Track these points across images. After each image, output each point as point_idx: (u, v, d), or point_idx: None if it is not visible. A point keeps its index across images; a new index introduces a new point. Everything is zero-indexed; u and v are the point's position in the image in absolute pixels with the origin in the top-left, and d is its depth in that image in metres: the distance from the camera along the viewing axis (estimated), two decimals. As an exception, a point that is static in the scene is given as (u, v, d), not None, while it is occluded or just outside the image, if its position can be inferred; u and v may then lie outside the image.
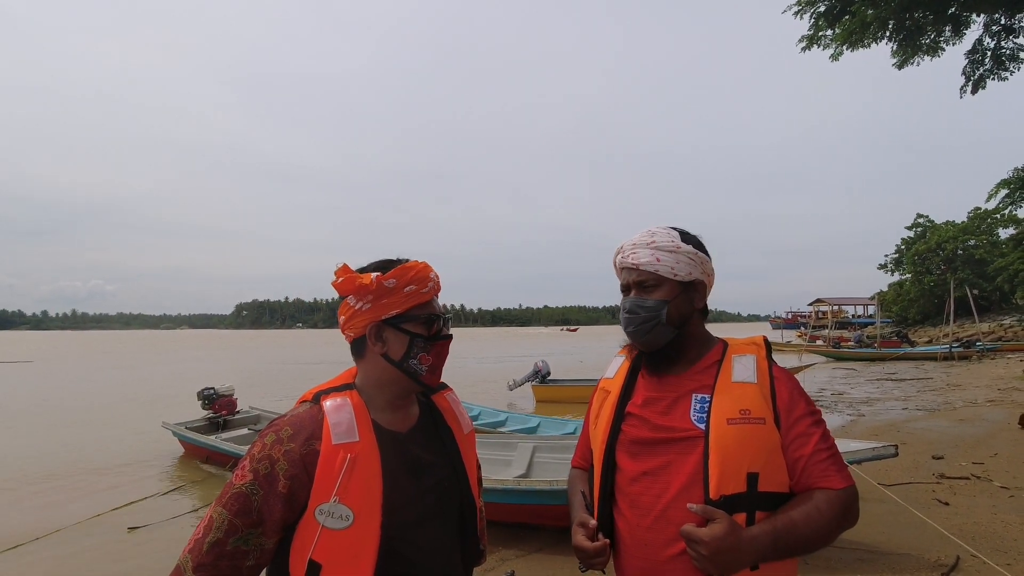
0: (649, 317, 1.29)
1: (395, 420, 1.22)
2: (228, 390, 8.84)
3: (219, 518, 1.06)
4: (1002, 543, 4.08)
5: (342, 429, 1.12)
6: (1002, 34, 8.78)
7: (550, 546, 4.46)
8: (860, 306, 61.82)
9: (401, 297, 1.19)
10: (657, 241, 1.31)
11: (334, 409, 1.15)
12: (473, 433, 1.40)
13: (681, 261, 1.30)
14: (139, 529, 5.38)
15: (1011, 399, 11.30)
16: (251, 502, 1.06)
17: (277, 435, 1.11)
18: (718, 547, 1.08)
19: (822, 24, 8.78)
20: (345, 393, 1.19)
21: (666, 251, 1.29)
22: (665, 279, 1.30)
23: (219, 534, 1.05)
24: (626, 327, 1.33)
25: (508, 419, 9.08)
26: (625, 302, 1.33)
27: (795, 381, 1.28)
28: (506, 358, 30.27)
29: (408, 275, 1.19)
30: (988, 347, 23.20)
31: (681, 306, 1.32)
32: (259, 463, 1.09)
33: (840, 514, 1.16)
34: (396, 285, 1.18)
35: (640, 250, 1.31)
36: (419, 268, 1.21)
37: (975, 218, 39.48)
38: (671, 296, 1.30)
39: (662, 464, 1.24)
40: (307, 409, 1.17)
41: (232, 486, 1.08)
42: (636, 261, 1.31)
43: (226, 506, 1.06)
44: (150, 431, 9.35)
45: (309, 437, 1.11)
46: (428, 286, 1.22)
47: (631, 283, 1.34)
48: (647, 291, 1.31)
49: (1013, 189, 13.13)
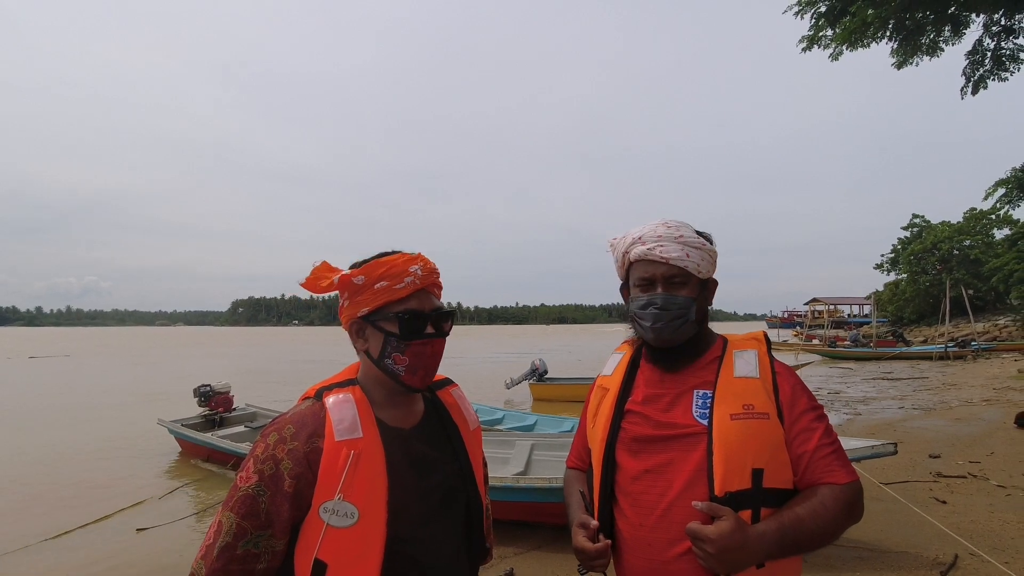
0: (680, 314, 1.26)
1: (399, 416, 1.20)
2: (224, 387, 8.79)
3: (227, 522, 1.04)
4: (1000, 541, 4.08)
5: (345, 425, 1.10)
6: (1002, 35, 8.79)
7: (548, 544, 4.45)
8: (856, 305, 62.06)
9: (371, 294, 1.15)
10: (684, 236, 1.27)
11: (336, 405, 1.12)
12: (480, 430, 1.38)
13: (705, 259, 1.28)
14: (148, 531, 5.32)
15: (1006, 398, 11.35)
16: (258, 504, 1.04)
17: (280, 434, 1.09)
18: (725, 545, 1.06)
19: (822, 24, 8.78)
20: (347, 389, 1.17)
21: (693, 247, 1.27)
22: (692, 276, 1.28)
23: (229, 538, 1.03)
24: (654, 322, 1.27)
25: (506, 417, 9.07)
26: (656, 297, 1.27)
27: (797, 376, 1.27)
28: (502, 356, 30.26)
29: (378, 271, 1.14)
30: (983, 347, 23.29)
31: (703, 304, 1.31)
32: (263, 464, 1.07)
33: (846, 510, 1.15)
34: (365, 282, 1.14)
35: (668, 244, 1.27)
36: (392, 263, 1.15)
37: (971, 218, 39.61)
38: (696, 294, 1.28)
39: (664, 461, 1.23)
40: (309, 406, 1.14)
41: (238, 489, 1.06)
42: (666, 255, 1.26)
43: (233, 509, 1.05)
44: (156, 429, 9.30)
45: (312, 434, 1.08)
46: (404, 282, 1.15)
47: (657, 277, 1.28)
48: (675, 287, 1.27)
49: (1010, 189, 13.16)
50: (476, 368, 23.08)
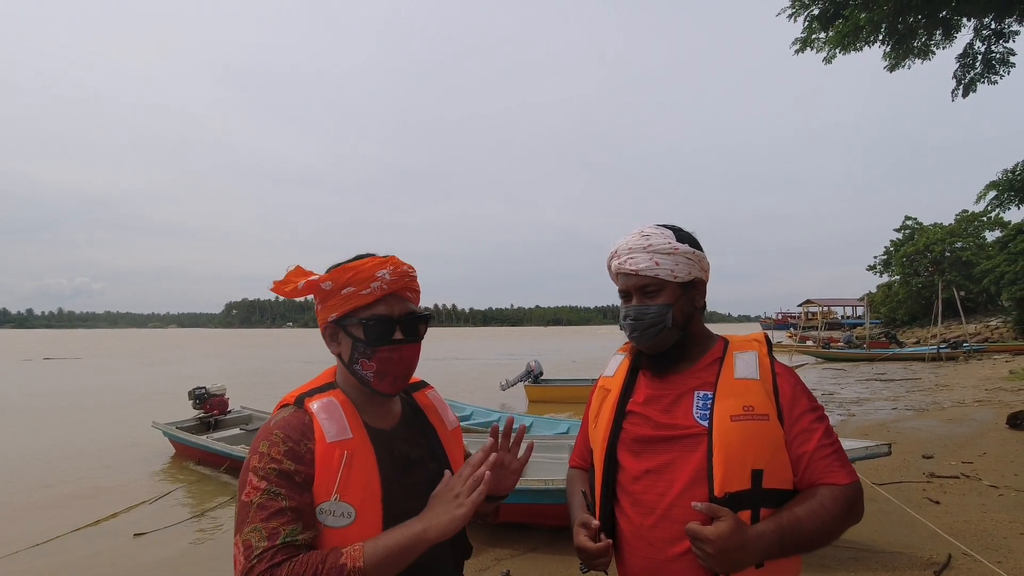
0: (654, 323, 1.27)
1: (378, 417, 1.21)
2: (220, 389, 8.76)
3: (256, 535, 1.00)
4: (993, 541, 4.11)
5: (334, 427, 1.11)
6: (992, 38, 8.88)
7: (544, 545, 4.44)
8: (850, 307, 62.38)
9: (338, 300, 1.14)
10: (653, 244, 1.27)
11: (323, 409, 1.13)
12: (459, 429, 1.39)
13: (680, 262, 1.27)
14: (144, 535, 5.26)
15: (998, 399, 11.43)
16: (278, 502, 1.02)
17: (270, 440, 1.08)
18: (724, 545, 1.07)
19: (815, 27, 8.84)
20: (329, 393, 1.17)
21: (663, 254, 1.27)
22: (666, 282, 1.27)
23: (264, 543, 0.99)
24: (630, 333, 1.30)
25: (501, 419, 9.04)
26: (629, 309, 1.30)
27: (797, 377, 1.28)
28: (498, 358, 30.24)
29: (344, 276, 1.14)
30: (975, 348, 23.44)
31: (684, 307, 1.30)
32: (266, 470, 1.05)
33: (845, 510, 1.16)
34: (332, 287, 1.14)
35: (637, 255, 1.28)
36: (359, 268, 1.14)
37: (962, 221, 39.92)
38: (674, 299, 1.28)
39: (665, 462, 1.24)
40: (291, 413, 1.13)
41: (249, 504, 1.03)
42: (635, 267, 1.27)
43: (254, 522, 1.01)
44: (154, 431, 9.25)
45: (301, 438, 1.08)
46: (370, 287, 1.14)
47: (631, 289, 1.30)
48: (649, 296, 1.28)
49: (1002, 191, 13.27)
50: (471, 370, 23.04)
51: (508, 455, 1.29)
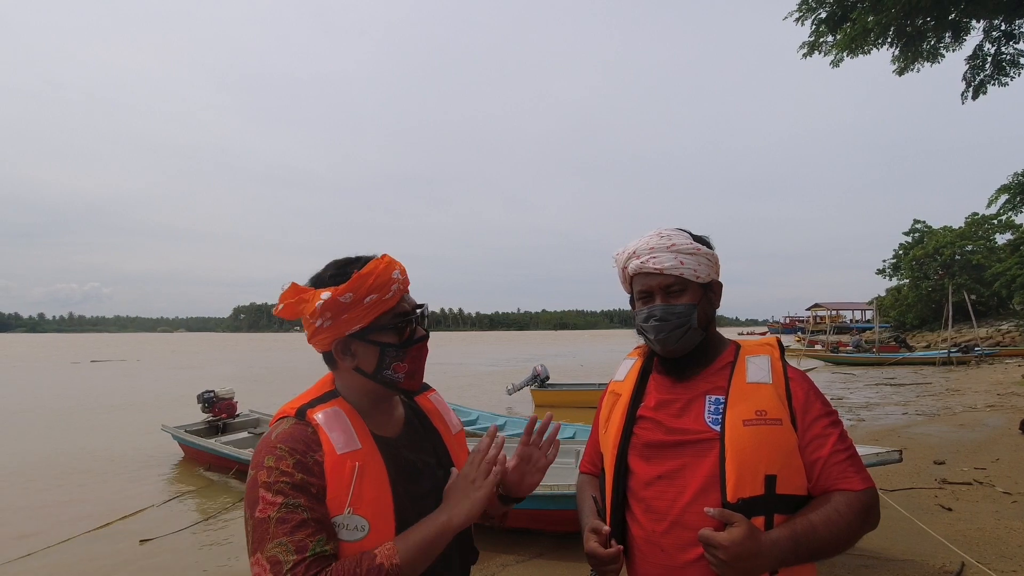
0: (681, 323, 1.26)
1: (383, 425, 1.19)
2: (228, 393, 8.78)
3: (282, 550, 0.95)
4: (1007, 549, 4.05)
5: (342, 438, 1.08)
6: (1002, 39, 8.82)
7: (550, 551, 4.42)
8: (858, 311, 61.93)
9: (362, 310, 1.09)
10: (677, 244, 1.27)
11: (328, 420, 1.09)
12: (463, 433, 1.37)
13: (701, 263, 1.28)
14: (151, 541, 5.23)
15: (1011, 404, 11.29)
16: (299, 514, 0.98)
17: (275, 454, 1.03)
18: (737, 552, 1.05)
19: (823, 31, 8.82)
20: (332, 403, 1.13)
21: (687, 254, 1.27)
22: (690, 282, 1.27)
23: (293, 556, 0.95)
24: (656, 334, 1.27)
25: (507, 423, 9.04)
26: (655, 309, 1.28)
27: (810, 382, 1.26)
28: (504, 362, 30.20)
29: (366, 284, 1.08)
30: (986, 352, 23.21)
31: (706, 309, 1.30)
32: (279, 483, 1.00)
33: (861, 516, 1.14)
34: (353, 299, 1.07)
35: (661, 254, 1.27)
36: (378, 273, 1.09)
37: (972, 224, 39.58)
38: (697, 299, 1.28)
39: (677, 467, 1.22)
40: (292, 425, 1.08)
41: (267, 520, 0.98)
42: (660, 265, 1.27)
43: (277, 536, 0.96)
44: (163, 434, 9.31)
45: (307, 450, 1.04)
46: (392, 290, 1.10)
47: (655, 288, 1.29)
48: (674, 296, 1.27)
49: (1013, 194, 13.16)
50: (477, 374, 23.03)
51: (537, 451, 1.30)
